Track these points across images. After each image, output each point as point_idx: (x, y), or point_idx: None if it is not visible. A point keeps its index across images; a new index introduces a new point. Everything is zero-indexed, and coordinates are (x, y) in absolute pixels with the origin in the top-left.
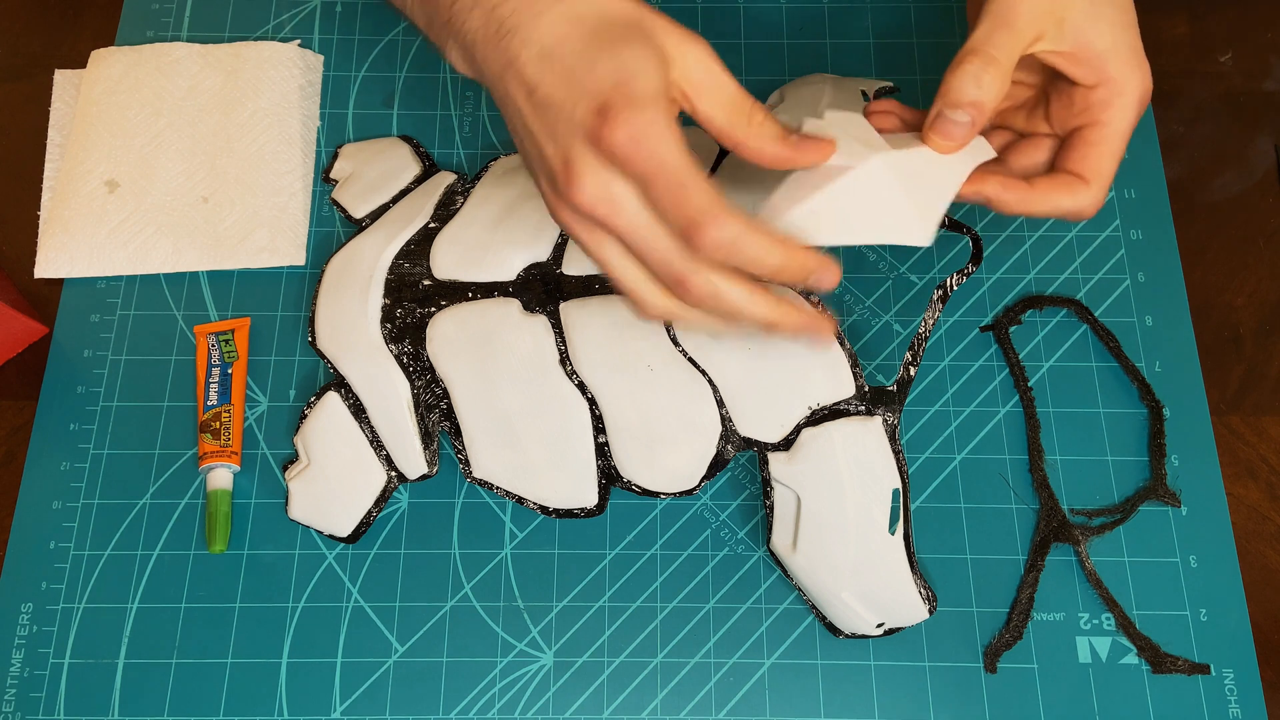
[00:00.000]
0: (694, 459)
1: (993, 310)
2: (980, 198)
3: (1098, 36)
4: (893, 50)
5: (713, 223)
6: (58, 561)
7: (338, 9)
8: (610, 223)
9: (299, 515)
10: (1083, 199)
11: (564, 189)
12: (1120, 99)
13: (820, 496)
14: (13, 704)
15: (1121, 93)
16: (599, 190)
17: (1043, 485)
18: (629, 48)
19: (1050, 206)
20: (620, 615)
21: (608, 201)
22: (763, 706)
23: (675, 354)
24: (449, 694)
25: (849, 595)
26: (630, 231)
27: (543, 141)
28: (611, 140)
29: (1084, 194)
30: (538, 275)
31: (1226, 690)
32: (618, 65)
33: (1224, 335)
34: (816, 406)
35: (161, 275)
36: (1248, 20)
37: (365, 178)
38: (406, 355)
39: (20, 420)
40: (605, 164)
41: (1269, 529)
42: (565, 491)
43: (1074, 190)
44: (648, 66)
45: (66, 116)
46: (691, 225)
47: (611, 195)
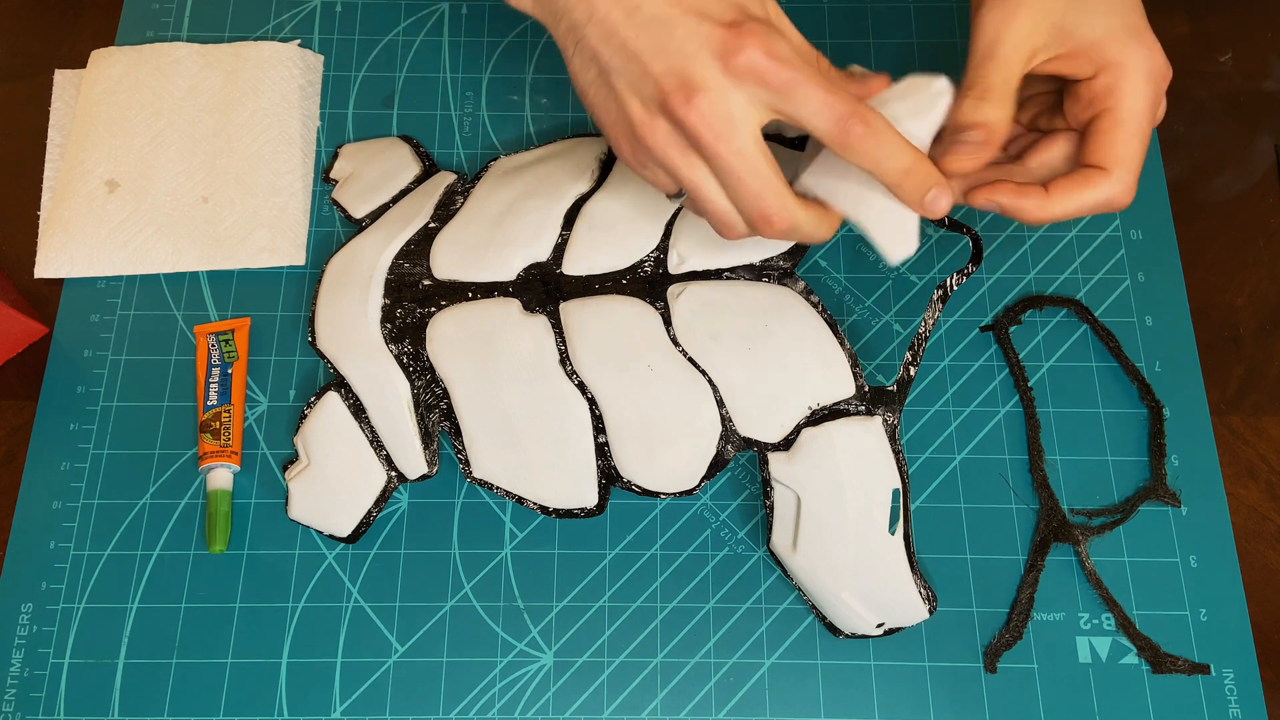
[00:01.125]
0: (694, 459)
1: (993, 310)
2: (996, 207)
3: (1087, 28)
4: (893, 50)
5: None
6: (58, 561)
7: (338, 9)
8: (717, 146)
9: (299, 515)
10: (1106, 189)
11: (677, 105)
12: (1125, 81)
13: (820, 496)
14: (13, 704)
15: (1125, 74)
16: (720, 108)
17: (1043, 485)
18: None
19: (1074, 204)
20: (620, 615)
21: (726, 120)
22: (763, 706)
23: (675, 354)
24: (449, 694)
25: (849, 595)
26: (734, 158)
27: (647, 59)
28: (747, 55)
29: (1105, 183)
30: (538, 275)
31: (1226, 690)
32: None
33: (1224, 335)
34: (816, 406)
35: (161, 275)
36: (1248, 20)
37: (365, 178)
38: (406, 355)
39: (20, 420)
40: (733, 81)
41: (1269, 529)
42: (565, 491)
43: (1093, 182)
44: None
45: (66, 116)
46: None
47: (730, 115)
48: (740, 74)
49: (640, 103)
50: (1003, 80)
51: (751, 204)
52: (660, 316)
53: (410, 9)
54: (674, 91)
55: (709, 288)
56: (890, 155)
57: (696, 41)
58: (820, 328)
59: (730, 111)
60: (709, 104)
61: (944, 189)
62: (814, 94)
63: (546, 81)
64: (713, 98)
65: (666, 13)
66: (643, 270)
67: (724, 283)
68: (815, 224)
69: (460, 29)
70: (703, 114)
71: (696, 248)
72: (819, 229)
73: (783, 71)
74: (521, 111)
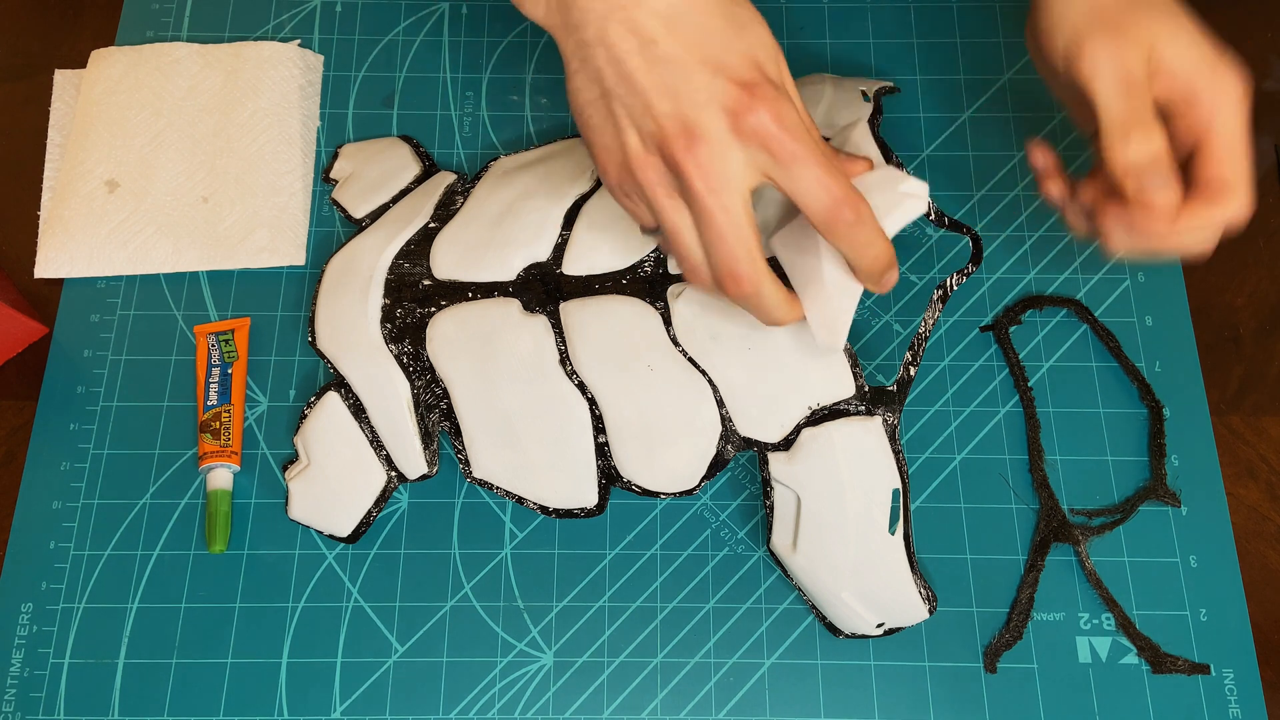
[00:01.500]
0: (694, 459)
1: (993, 310)
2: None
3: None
4: (893, 50)
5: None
6: (58, 561)
7: (338, 9)
8: (707, 197)
9: (299, 515)
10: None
11: (678, 149)
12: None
13: (820, 496)
14: (13, 704)
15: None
16: (718, 162)
17: (1043, 485)
18: (755, 29)
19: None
20: (620, 615)
21: (721, 175)
22: (763, 706)
23: (675, 354)
24: (449, 694)
25: (849, 595)
26: (720, 214)
27: (653, 97)
28: (757, 117)
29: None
30: (538, 275)
31: (1226, 690)
32: (753, 44)
33: (1224, 335)
34: (816, 406)
35: (161, 275)
36: (1248, 20)
37: (365, 178)
38: (406, 355)
39: (20, 420)
40: (736, 139)
41: (1269, 529)
42: (565, 491)
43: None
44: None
45: (66, 116)
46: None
47: (724, 173)
48: (746, 134)
49: (639, 136)
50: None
51: (724, 261)
52: (660, 316)
53: (410, 9)
54: (676, 135)
55: None
56: (868, 243)
57: (709, 93)
58: None
59: (727, 168)
60: (708, 155)
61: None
62: (812, 172)
63: (546, 81)
64: (714, 151)
65: (683, 57)
66: (643, 270)
67: None
68: (778, 303)
69: (460, 29)
70: (700, 163)
71: None
72: (779, 310)
73: (788, 143)
74: (521, 111)
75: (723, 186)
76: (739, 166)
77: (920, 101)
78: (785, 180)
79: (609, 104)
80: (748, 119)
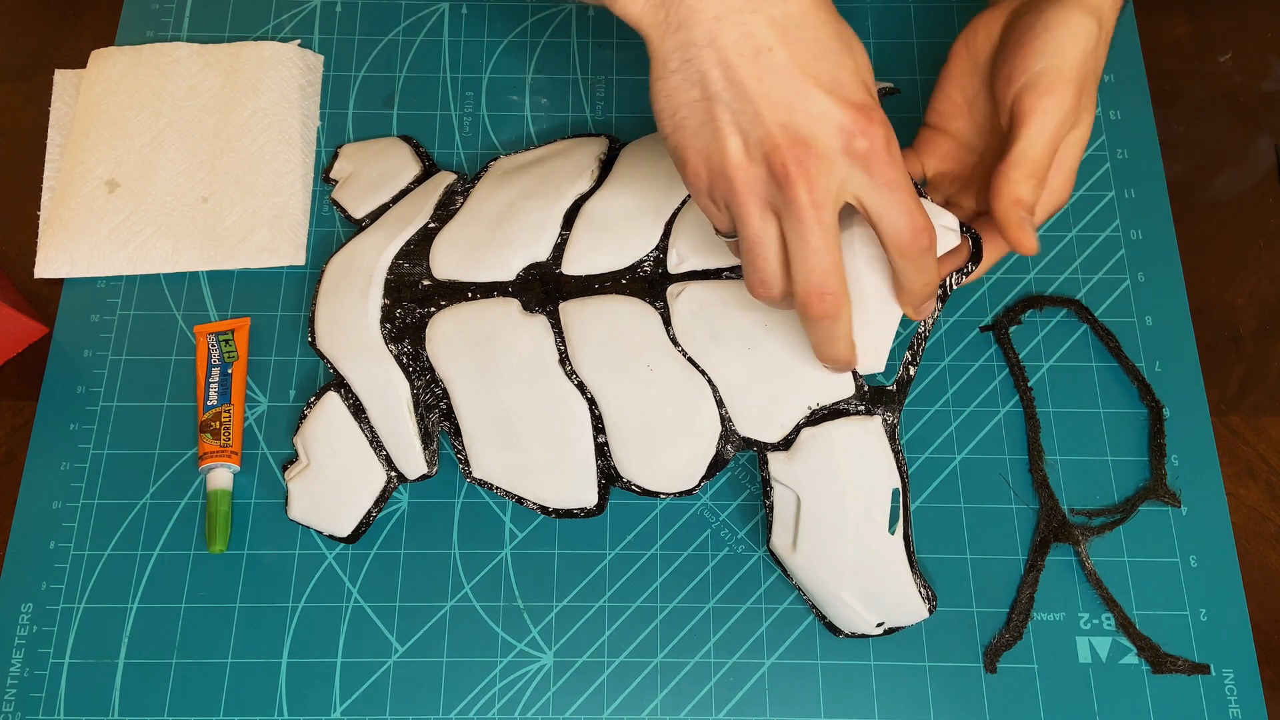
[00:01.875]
0: (694, 459)
1: (993, 310)
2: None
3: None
4: (893, 50)
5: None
6: (58, 561)
7: (338, 9)
8: (807, 212)
9: (299, 515)
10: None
11: (790, 160)
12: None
13: (820, 496)
14: (13, 704)
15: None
16: (821, 180)
17: (1043, 485)
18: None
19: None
20: (620, 615)
21: (822, 194)
22: (763, 706)
23: (675, 354)
24: (449, 694)
25: (849, 595)
26: (818, 229)
27: (764, 106)
28: (871, 140)
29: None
30: (537, 275)
31: (1226, 690)
32: (861, 65)
33: (1224, 335)
34: (816, 406)
35: (161, 275)
36: (1248, 20)
37: (365, 178)
38: (406, 355)
39: (20, 420)
40: (847, 158)
41: (1269, 529)
42: (565, 491)
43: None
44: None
45: (66, 116)
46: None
47: (828, 190)
48: (855, 155)
49: (743, 142)
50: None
51: (816, 277)
52: (660, 316)
53: (410, 9)
54: (789, 146)
55: (709, 288)
56: (928, 270)
57: (823, 110)
58: None
59: (832, 184)
60: (819, 170)
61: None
62: (904, 199)
63: (546, 81)
64: (825, 167)
65: (796, 70)
66: (642, 270)
67: (724, 282)
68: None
69: (460, 29)
70: (810, 177)
71: (696, 247)
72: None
73: (889, 169)
74: (521, 111)
75: (826, 202)
76: (840, 185)
77: (920, 101)
78: (876, 203)
79: (711, 107)
80: (859, 140)
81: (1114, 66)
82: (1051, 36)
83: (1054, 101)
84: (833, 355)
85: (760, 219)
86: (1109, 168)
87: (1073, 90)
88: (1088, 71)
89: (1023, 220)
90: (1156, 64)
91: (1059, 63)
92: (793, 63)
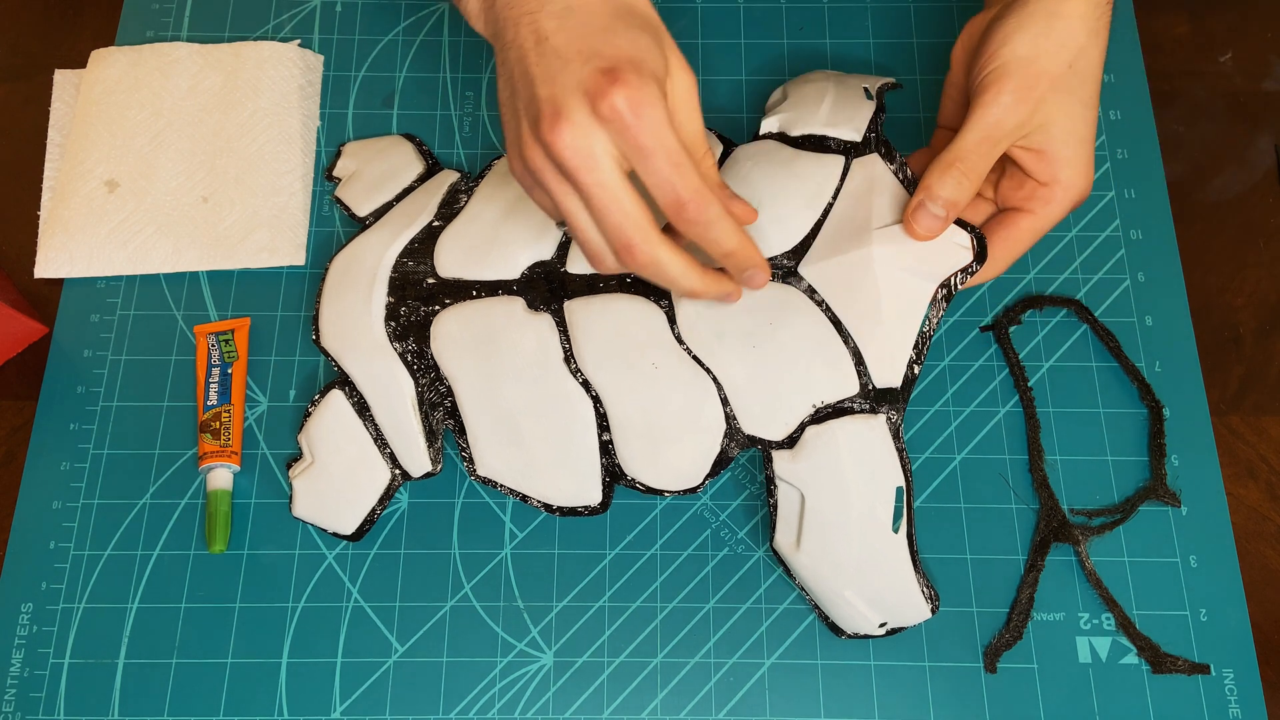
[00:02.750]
0: (698, 457)
1: (993, 310)
2: None
3: (1064, 145)
4: (893, 50)
5: (703, 200)
6: (58, 561)
7: (338, 9)
8: (579, 176)
9: (303, 513)
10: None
11: (545, 130)
12: (1059, 201)
13: (824, 494)
14: (13, 704)
15: (1065, 196)
16: (579, 141)
17: (1043, 485)
18: (644, 36)
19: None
20: (620, 615)
21: (586, 154)
22: (763, 706)
23: (680, 352)
24: (449, 694)
25: (852, 593)
26: (597, 189)
27: (538, 83)
28: (612, 100)
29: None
30: (542, 274)
31: (1226, 690)
32: (631, 42)
33: (1224, 335)
34: (820, 404)
35: (161, 275)
36: (1248, 20)
37: (368, 176)
38: (411, 353)
39: (20, 420)
40: (595, 120)
41: (1269, 529)
42: (569, 490)
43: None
44: (656, 57)
45: (66, 116)
46: (681, 199)
47: (591, 150)
48: (604, 118)
49: (528, 123)
50: (986, 166)
51: (615, 234)
52: (665, 315)
53: (410, 9)
54: (547, 117)
55: None
56: (720, 237)
57: (576, 78)
58: (824, 326)
59: (593, 146)
60: (572, 135)
61: (763, 269)
62: (660, 166)
63: None
64: (577, 131)
65: (565, 48)
66: None
67: None
68: (681, 270)
69: (460, 29)
70: (566, 143)
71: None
72: (685, 277)
73: (639, 133)
74: None
75: (594, 164)
76: (604, 146)
77: (920, 101)
78: (639, 169)
79: (513, 99)
80: (603, 102)
81: (1114, 66)
82: (1005, 39)
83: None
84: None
85: (563, 194)
86: (1109, 168)
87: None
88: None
89: (919, 206)
90: (1156, 64)
91: (1001, 63)
92: (565, 43)
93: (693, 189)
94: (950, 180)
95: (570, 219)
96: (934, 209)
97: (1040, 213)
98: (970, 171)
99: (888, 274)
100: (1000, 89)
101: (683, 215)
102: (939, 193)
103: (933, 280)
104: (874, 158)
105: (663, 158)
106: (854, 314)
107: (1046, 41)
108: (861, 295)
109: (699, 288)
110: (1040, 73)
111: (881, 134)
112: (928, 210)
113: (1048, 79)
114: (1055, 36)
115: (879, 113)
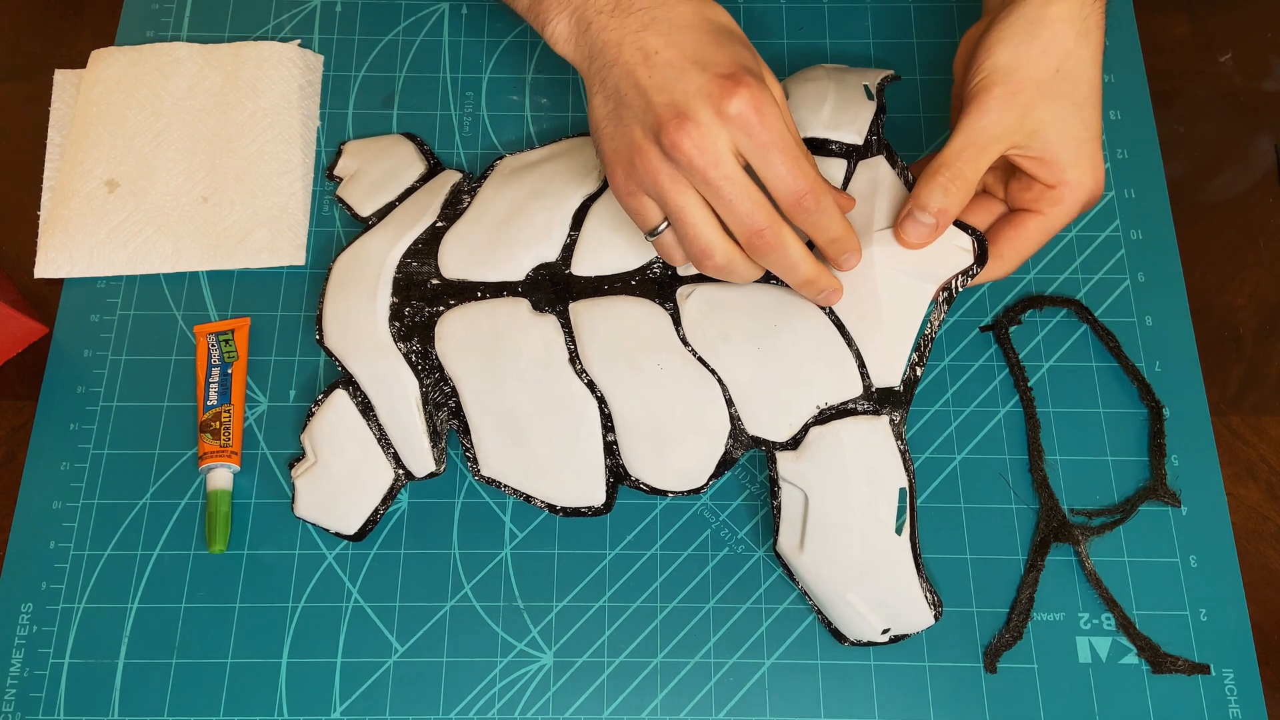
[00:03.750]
0: (702, 458)
1: (993, 310)
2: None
3: (1062, 149)
4: (893, 50)
5: (820, 191)
6: (58, 561)
7: (338, 9)
8: (707, 172)
9: (306, 513)
10: (995, 269)
11: (670, 134)
12: (1068, 202)
13: (827, 495)
14: (13, 704)
15: (1073, 196)
16: (705, 141)
17: (1043, 485)
18: (744, 49)
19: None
20: (620, 615)
21: (712, 153)
22: (763, 706)
23: (684, 353)
24: (449, 694)
25: (854, 596)
26: (725, 182)
27: (653, 95)
28: (734, 102)
29: (996, 267)
30: (546, 276)
31: (1226, 690)
32: (740, 54)
33: (1224, 335)
34: (824, 406)
35: (161, 275)
36: (1248, 20)
37: (370, 175)
38: (415, 354)
39: (20, 420)
40: (720, 120)
41: (1269, 529)
42: (573, 490)
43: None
44: (761, 66)
45: (66, 116)
46: (801, 191)
47: (716, 149)
48: (728, 118)
49: (641, 130)
50: (975, 172)
51: (743, 222)
52: (670, 317)
53: (410, 9)
54: (670, 120)
55: (718, 289)
56: (826, 228)
57: (697, 85)
58: (827, 328)
59: (717, 143)
60: (699, 134)
61: (859, 252)
62: (783, 161)
63: (546, 81)
64: (703, 130)
65: (678, 61)
66: (652, 271)
67: (733, 284)
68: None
69: (460, 29)
70: (694, 141)
71: None
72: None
73: (763, 131)
74: (521, 111)
75: (720, 159)
76: (727, 143)
77: (920, 101)
78: (759, 163)
79: (620, 112)
80: (729, 103)
81: (1114, 66)
82: (989, 49)
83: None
84: (806, 280)
85: (676, 192)
86: (1109, 168)
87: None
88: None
89: (907, 215)
90: (1156, 64)
91: (986, 74)
92: (676, 56)
93: (810, 180)
94: (937, 188)
95: (682, 214)
96: (922, 218)
97: (1049, 213)
98: (956, 178)
99: (888, 276)
100: (985, 97)
101: (800, 205)
102: (926, 201)
103: (933, 282)
104: (880, 160)
105: (782, 152)
106: (854, 315)
107: (1030, 49)
108: (862, 297)
109: (813, 276)
110: (1025, 79)
111: (883, 136)
112: (916, 219)
113: (1033, 85)
114: (1039, 43)
115: (879, 113)
